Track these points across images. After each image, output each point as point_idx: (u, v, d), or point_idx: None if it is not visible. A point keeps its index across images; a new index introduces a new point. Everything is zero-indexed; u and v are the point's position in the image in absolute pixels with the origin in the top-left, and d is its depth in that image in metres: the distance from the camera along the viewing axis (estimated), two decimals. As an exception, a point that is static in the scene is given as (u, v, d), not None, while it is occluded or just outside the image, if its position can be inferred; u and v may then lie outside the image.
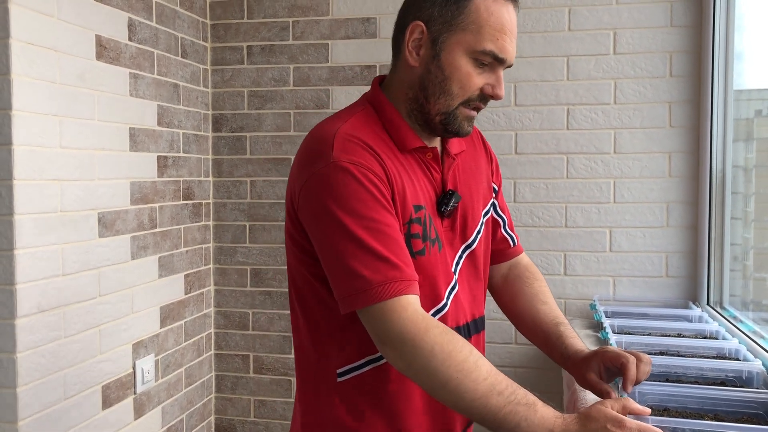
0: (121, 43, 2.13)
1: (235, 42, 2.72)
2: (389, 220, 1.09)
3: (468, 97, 1.16)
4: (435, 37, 1.14)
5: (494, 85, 1.16)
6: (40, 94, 1.78)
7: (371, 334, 1.08)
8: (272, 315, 2.75)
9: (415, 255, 1.14)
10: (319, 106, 2.66)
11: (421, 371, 1.03)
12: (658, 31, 2.40)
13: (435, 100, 1.16)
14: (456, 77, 1.14)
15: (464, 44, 1.13)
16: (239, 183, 2.75)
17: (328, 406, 1.20)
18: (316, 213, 1.09)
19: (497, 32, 1.12)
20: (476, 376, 1.01)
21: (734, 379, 1.56)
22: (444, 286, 1.21)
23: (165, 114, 2.41)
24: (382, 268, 1.04)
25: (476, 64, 1.14)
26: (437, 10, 1.14)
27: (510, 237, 1.46)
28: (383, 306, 1.04)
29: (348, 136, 1.11)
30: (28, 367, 1.74)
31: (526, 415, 0.99)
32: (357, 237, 1.05)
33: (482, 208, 1.34)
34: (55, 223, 1.84)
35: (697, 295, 2.38)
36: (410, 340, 1.02)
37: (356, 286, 1.05)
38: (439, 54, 1.14)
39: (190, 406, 2.63)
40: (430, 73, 1.16)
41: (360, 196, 1.07)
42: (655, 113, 2.42)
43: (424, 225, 1.17)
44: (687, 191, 2.41)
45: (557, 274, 2.50)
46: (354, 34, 2.61)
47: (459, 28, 1.13)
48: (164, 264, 2.41)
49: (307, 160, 1.13)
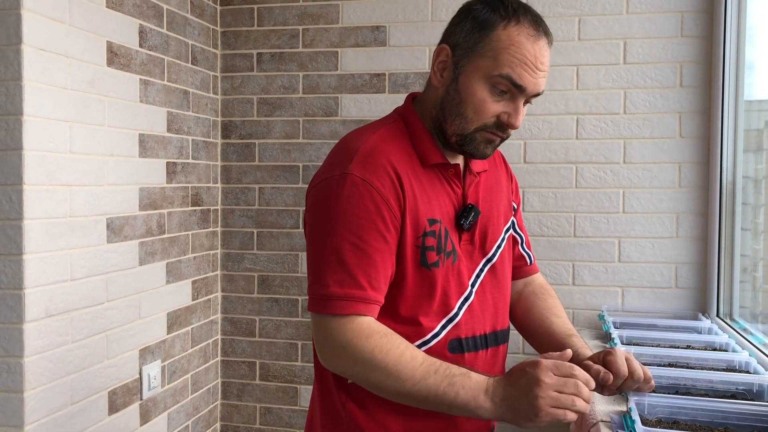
0: (131, 49, 2.14)
1: (244, 49, 2.73)
2: (378, 244, 1.14)
3: (484, 123, 1.18)
4: (457, 62, 1.18)
5: (510, 114, 1.18)
6: (52, 100, 1.79)
7: (315, 338, 1.16)
8: (279, 322, 2.75)
9: (430, 266, 1.19)
10: (328, 113, 2.66)
11: (361, 371, 1.11)
12: (668, 41, 2.39)
13: (451, 121, 1.21)
14: (471, 102, 1.17)
15: (482, 70, 1.15)
16: (247, 190, 2.76)
17: (342, 404, 1.25)
18: (314, 215, 1.17)
19: (516, 60, 1.14)
20: (414, 364, 1.09)
21: (745, 392, 1.54)
22: (456, 297, 1.24)
23: (174, 120, 2.41)
24: (347, 284, 1.11)
25: (494, 92, 1.16)
26: (463, 36, 1.18)
27: (527, 255, 1.50)
28: (332, 319, 1.11)
29: (372, 150, 1.17)
30: (35, 372, 1.74)
31: (462, 382, 1.07)
32: (338, 249, 1.12)
33: (504, 225, 1.37)
34: (64, 229, 1.84)
35: (707, 307, 2.36)
36: (352, 348, 1.10)
37: (318, 292, 1.13)
38: (457, 77, 1.18)
39: (196, 412, 2.62)
40: (448, 95, 1.20)
41: (359, 213, 1.12)
42: (665, 123, 2.41)
43: (438, 238, 1.21)
44: (697, 202, 2.39)
45: (565, 284, 2.49)
46: (363, 42, 2.62)
47: (478, 54, 1.16)
48: (172, 270, 2.41)
49: (328, 165, 1.20)
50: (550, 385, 1.03)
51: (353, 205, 1.12)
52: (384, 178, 1.15)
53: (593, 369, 1.20)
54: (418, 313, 1.19)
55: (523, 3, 1.19)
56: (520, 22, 1.14)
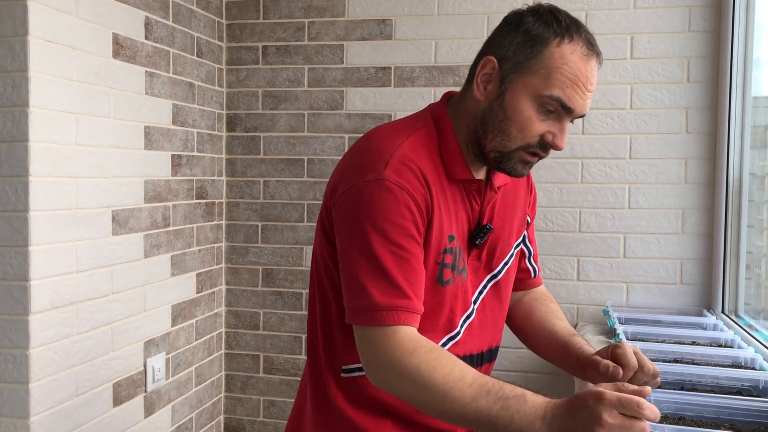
0: (137, 41, 2.14)
1: (250, 42, 2.72)
2: (416, 250, 1.10)
3: (527, 142, 1.14)
4: (504, 76, 1.13)
5: (555, 135, 1.13)
6: (58, 92, 1.78)
7: (360, 352, 1.10)
8: (283, 315, 2.75)
9: (444, 284, 1.17)
10: (334, 107, 2.66)
11: (409, 390, 1.06)
12: (675, 36, 2.38)
13: (492, 137, 1.15)
14: (516, 120, 1.12)
15: (531, 88, 1.10)
16: (252, 183, 2.75)
17: (334, 397, 1.24)
18: (349, 221, 1.11)
19: (568, 80, 1.09)
20: (462, 384, 1.03)
21: (750, 388, 1.54)
22: (460, 315, 1.23)
23: (180, 113, 2.41)
24: (392, 294, 1.07)
25: (541, 111, 1.11)
26: (512, 49, 1.12)
27: (532, 268, 1.47)
28: (379, 330, 1.06)
29: (405, 158, 1.12)
30: (41, 363, 1.74)
31: (518, 407, 1.00)
32: (378, 258, 1.07)
33: (515, 240, 1.35)
34: (70, 221, 1.84)
35: (712, 303, 2.35)
36: (397, 362, 1.05)
37: (362, 304, 1.07)
38: (504, 93, 1.13)
39: (200, 405, 2.63)
40: (492, 110, 1.15)
41: (395, 220, 1.08)
42: (671, 119, 2.40)
43: (454, 255, 1.19)
44: (703, 198, 2.39)
45: (570, 279, 2.49)
46: (369, 35, 2.61)
47: (529, 71, 1.10)
48: (176, 263, 2.41)
49: (359, 168, 1.13)
50: (612, 426, 0.94)
51: (391, 212, 1.08)
52: (417, 186, 1.11)
53: (602, 364, 1.19)
54: (424, 329, 1.15)
55: (576, 19, 1.14)
56: (573, 39, 1.09)
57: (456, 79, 2.53)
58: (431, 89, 2.56)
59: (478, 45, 1.22)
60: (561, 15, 1.12)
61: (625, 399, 0.95)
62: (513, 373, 2.49)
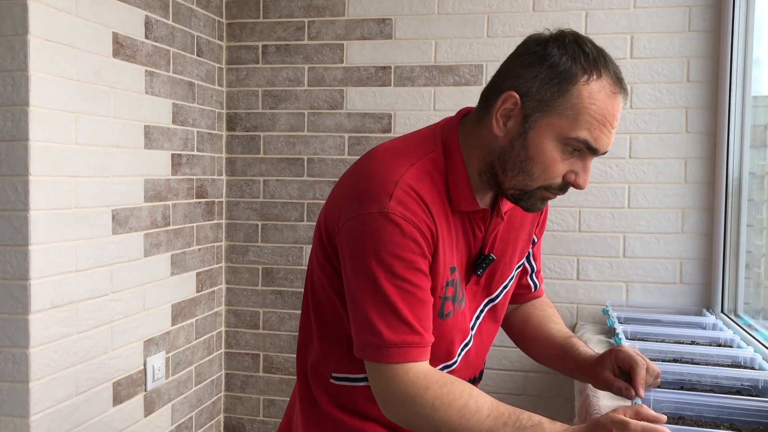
0: (137, 40, 2.14)
1: (250, 41, 2.72)
2: (423, 283, 1.08)
3: (550, 183, 1.10)
4: (527, 114, 1.07)
5: (578, 174, 1.09)
6: (57, 91, 1.78)
7: (373, 388, 1.10)
8: (283, 314, 2.75)
9: (445, 317, 1.16)
10: (334, 106, 2.66)
11: (425, 426, 1.06)
12: (675, 36, 2.38)
13: (512, 176, 1.11)
14: (539, 160, 1.08)
15: (557, 129, 1.05)
16: (252, 182, 2.75)
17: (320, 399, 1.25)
18: (354, 254, 1.08)
19: (596, 122, 1.04)
20: (479, 417, 1.03)
21: (750, 388, 1.54)
22: (458, 344, 1.23)
23: (180, 112, 2.41)
24: (401, 330, 1.05)
25: (565, 150, 1.07)
26: (537, 86, 1.06)
27: (533, 284, 1.47)
28: (391, 368, 1.06)
29: (409, 188, 1.07)
30: (40, 363, 1.74)
31: None
32: (386, 293, 1.05)
33: (516, 262, 1.34)
34: (70, 220, 1.84)
35: (711, 303, 2.36)
36: (411, 400, 1.04)
37: (372, 341, 1.06)
38: (527, 132, 1.07)
39: (200, 404, 2.63)
40: (513, 149, 1.09)
41: (401, 254, 1.05)
42: (671, 118, 2.40)
43: (455, 287, 1.17)
44: (702, 197, 2.39)
45: (570, 278, 2.49)
46: (369, 35, 2.61)
47: (555, 112, 1.05)
48: (176, 262, 2.41)
49: (361, 197, 1.09)
50: None
51: (397, 245, 1.05)
52: (423, 217, 1.07)
53: (615, 387, 1.22)
54: None
55: (602, 49, 1.08)
56: (602, 76, 1.04)
57: (456, 78, 2.53)
58: (431, 89, 2.56)
59: (478, 44, 1.20)
60: (587, 46, 1.06)
61: (650, 429, 0.96)
62: (513, 373, 2.49)
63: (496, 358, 2.50)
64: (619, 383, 1.22)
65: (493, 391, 2.52)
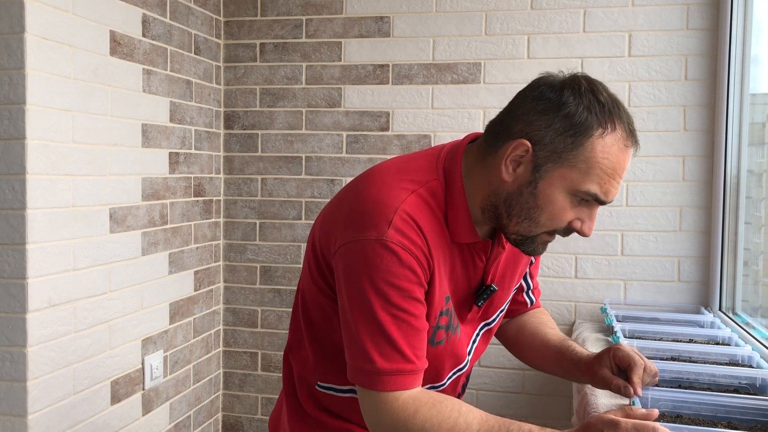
0: (134, 38, 2.13)
1: (248, 39, 2.72)
2: (419, 311, 1.08)
3: (554, 228, 1.10)
4: (539, 164, 1.05)
5: (584, 222, 1.09)
6: (54, 89, 1.78)
7: (364, 414, 1.10)
8: (281, 313, 2.75)
9: (435, 345, 1.16)
10: (332, 104, 2.65)
11: None
12: (673, 34, 2.38)
13: (518, 221, 1.10)
14: (548, 210, 1.07)
15: (568, 181, 1.04)
16: (250, 180, 2.75)
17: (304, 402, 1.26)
18: (350, 281, 1.07)
19: (607, 176, 1.04)
20: None
21: (748, 386, 1.54)
22: (449, 370, 1.23)
23: (177, 110, 2.41)
24: (395, 359, 1.05)
25: (574, 201, 1.07)
26: (550, 136, 1.04)
27: (529, 300, 1.47)
28: (382, 395, 1.06)
29: (409, 216, 1.06)
30: (38, 361, 1.74)
31: None
32: (381, 322, 1.04)
33: (515, 284, 1.34)
34: (67, 218, 1.84)
35: (709, 301, 2.36)
36: (402, 426, 1.05)
37: (365, 367, 1.06)
38: (537, 182, 1.06)
39: (198, 402, 2.63)
40: (521, 196, 1.08)
41: (398, 282, 1.04)
42: (669, 117, 2.40)
43: (450, 316, 1.17)
44: (700, 196, 2.39)
45: (568, 277, 2.49)
46: (367, 32, 2.61)
47: (568, 164, 1.04)
48: (174, 260, 2.41)
49: (359, 221, 1.07)
50: None
51: (393, 274, 1.04)
52: (420, 246, 1.06)
53: (614, 384, 1.22)
54: None
55: (615, 97, 1.07)
56: (616, 129, 1.03)
57: (454, 76, 2.53)
58: (429, 87, 2.56)
59: (476, 42, 1.19)
60: (602, 96, 1.05)
61: (641, 426, 0.96)
62: (511, 371, 2.49)
63: (494, 356, 2.50)
64: (618, 381, 1.22)
65: (491, 390, 2.52)
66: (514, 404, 2.51)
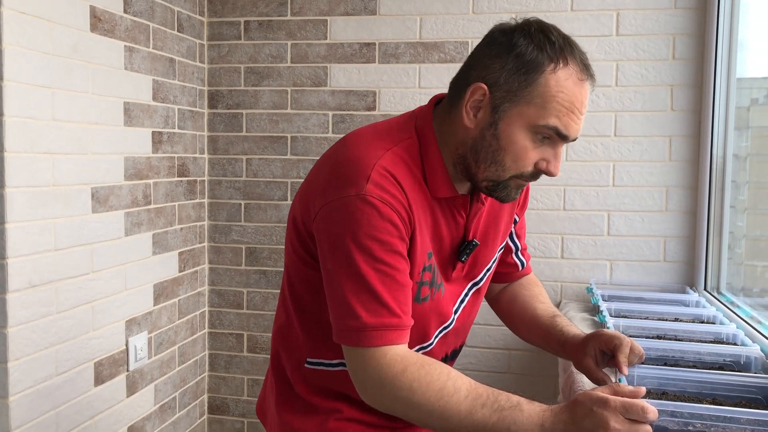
0: (116, 15, 2.09)
1: (232, 17, 2.67)
2: (402, 266, 1.08)
3: (521, 172, 1.11)
4: (496, 105, 1.08)
5: (549, 161, 1.11)
6: (33, 65, 1.74)
7: (351, 373, 1.09)
8: (267, 294, 2.73)
9: (421, 302, 1.16)
10: (317, 83, 2.62)
11: (404, 408, 1.06)
12: (661, 12, 2.37)
13: (485, 167, 1.11)
14: (511, 150, 1.09)
15: (526, 118, 1.06)
16: (235, 161, 2.72)
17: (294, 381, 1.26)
18: (332, 239, 1.07)
19: (564, 108, 1.05)
20: (457, 398, 1.03)
21: (732, 363, 1.55)
22: (435, 328, 1.22)
23: (160, 89, 2.37)
24: (380, 314, 1.04)
25: (535, 139, 1.08)
26: (504, 76, 1.07)
27: (520, 262, 1.47)
28: (368, 351, 1.05)
29: (387, 171, 1.07)
30: (19, 342, 1.72)
31: (513, 417, 1.01)
32: (365, 277, 1.04)
33: (500, 244, 1.34)
34: (48, 198, 1.81)
35: (695, 281, 2.37)
36: (389, 383, 1.04)
37: (350, 325, 1.05)
38: (497, 123, 1.08)
39: (183, 384, 2.61)
40: (484, 140, 1.10)
41: (380, 236, 1.05)
42: (656, 96, 2.39)
43: (433, 272, 1.17)
44: (687, 176, 2.39)
45: (554, 257, 2.49)
46: (353, 10, 2.57)
47: (523, 101, 1.06)
48: (158, 241, 2.38)
49: (338, 181, 1.08)
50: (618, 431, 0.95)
51: (375, 228, 1.04)
52: (399, 200, 1.07)
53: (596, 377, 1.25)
54: None
55: (568, 37, 1.09)
56: (568, 63, 1.06)
57: (441, 55, 2.50)
58: (416, 66, 2.53)
59: (463, 21, 1.18)
60: (553, 35, 1.07)
61: (630, 404, 0.96)
62: (497, 351, 2.50)
63: (480, 336, 2.50)
64: (598, 374, 1.24)
65: (477, 369, 2.52)
66: (499, 383, 2.51)
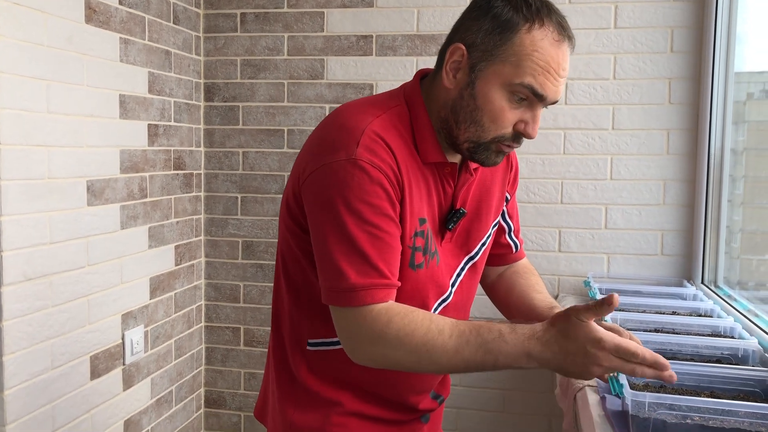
0: (111, 6, 2.07)
1: (228, 9, 2.66)
2: (392, 229, 1.09)
3: (501, 133, 1.11)
4: (473, 64, 1.10)
5: (527, 123, 1.11)
6: (27, 57, 1.72)
7: (339, 334, 1.10)
8: (263, 288, 2.72)
9: (416, 268, 1.16)
10: (314, 76, 2.61)
11: (395, 359, 1.07)
12: (659, 5, 2.36)
13: (465, 128, 1.12)
14: (488, 109, 1.10)
15: (502, 76, 1.07)
16: (231, 154, 2.71)
17: (296, 368, 1.25)
18: (321, 202, 1.08)
19: (540, 68, 1.06)
20: (442, 340, 1.05)
21: (730, 356, 1.55)
22: (434, 299, 1.22)
23: (156, 81, 2.35)
24: (370, 275, 1.06)
25: (512, 99, 1.09)
26: (481, 36, 1.09)
27: (513, 243, 1.46)
28: (357, 310, 1.06)
29: (377, 135, 1.09)
30: (14, 336, 1.71)
31: (499, 348, 1.03)
32: (354, 239, 1.05)
33: (492, 220, 1.34)
34: (43, 190, 1.79)
35: (692, 274, 2.37)
36: (377, 338, 1.06)
37: (340, 286, 1.06)
38: (474, 82, 1.10)
39: (180, 377, 2.61)
40: (462, 99, 1.12)
41: (370, 200, 1.06)
42: (654, 89, 2.38)
43: (426, 238, 1.17)
44: (684, 169, 2.39)
45: (552, 250, 2.49)
46: (350, 3, 2.56)
47: (499, 59, 1.07)
48: (154, 234, 2.37)
49: (328, 146, 1.10)
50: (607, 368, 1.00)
51: (365, 192, 1.05)
52: (389, 164, 1.08)
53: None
54: None
55: (547, 1, 1.10)
56: (544, 24, 1.06)
57: (438, 48, 2.48)
58: (413, 58, 2.52)
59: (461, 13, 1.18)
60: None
61: (623, 349, 0.99)
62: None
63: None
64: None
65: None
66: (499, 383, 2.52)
